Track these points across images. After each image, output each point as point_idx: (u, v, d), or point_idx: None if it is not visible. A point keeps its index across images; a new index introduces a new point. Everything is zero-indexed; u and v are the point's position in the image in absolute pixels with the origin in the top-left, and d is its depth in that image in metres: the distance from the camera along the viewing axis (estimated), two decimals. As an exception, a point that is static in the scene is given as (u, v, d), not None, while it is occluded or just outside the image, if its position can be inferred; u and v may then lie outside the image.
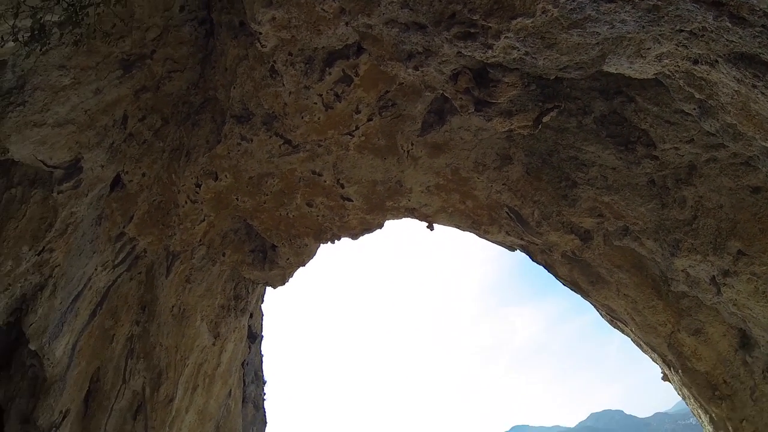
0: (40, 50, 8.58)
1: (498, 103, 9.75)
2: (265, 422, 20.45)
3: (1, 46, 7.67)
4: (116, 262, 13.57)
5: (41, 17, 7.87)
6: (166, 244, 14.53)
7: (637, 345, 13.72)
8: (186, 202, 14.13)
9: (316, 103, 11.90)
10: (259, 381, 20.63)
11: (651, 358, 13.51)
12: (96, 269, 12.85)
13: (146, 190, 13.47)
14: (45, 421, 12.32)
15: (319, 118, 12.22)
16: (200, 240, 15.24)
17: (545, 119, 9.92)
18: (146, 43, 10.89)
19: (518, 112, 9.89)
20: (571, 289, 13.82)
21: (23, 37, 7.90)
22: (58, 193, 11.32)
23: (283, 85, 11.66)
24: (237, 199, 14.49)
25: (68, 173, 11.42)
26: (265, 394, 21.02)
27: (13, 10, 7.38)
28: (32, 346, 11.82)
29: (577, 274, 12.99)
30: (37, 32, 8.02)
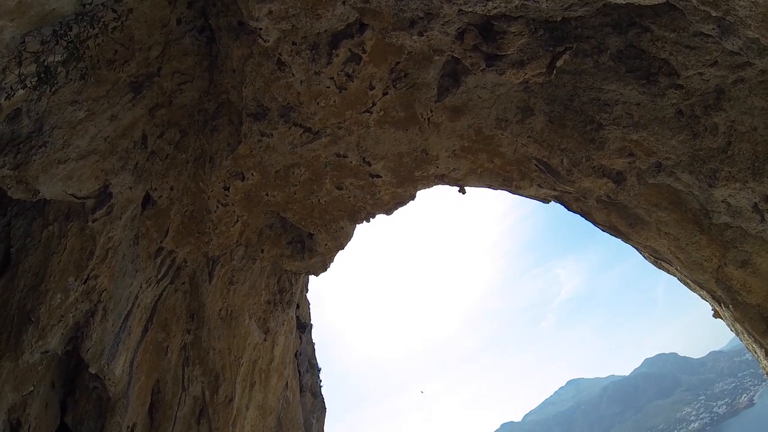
0: (50, 91, 8.71)
1: (508, 54, 9.57)
2: (324, 408, 20.78)
3: (12, 96, 7.77)
4: (159, 277, 13.84)
5: (44, 60, 7.97)
6: (204, 251, 14.74)
7: (684, 284, 13.39)
8: (217, 207, 14.25)
9: (329, 87, 11.84)
10: (314, 369, 20.92)
11: (700, 296, 13.17)
12: (141, 287, 13.14)
13: (177, 203, 13.62)
14: None
15: (334, 101, 12.19)
16: (237, 241, 15.42)
17: (559, 63, 9.70)
18: (151, 61, 10.92)
19: (530, 61, 9.72)
20: (611, 234, 13.55)
21: (31, 82, 8.02)
22: (93, 222, 11.58)
23: (293, 75, 11.62)
24: (267, 194, 14.59)
25: (99, 201, 11.65)
26: (320, 381, 21.36)
27: (15, 59, 7.48)
28: (92, 370, 12.19)
29: (615, 217, 12.71)
30: (43, 75, 8.15)
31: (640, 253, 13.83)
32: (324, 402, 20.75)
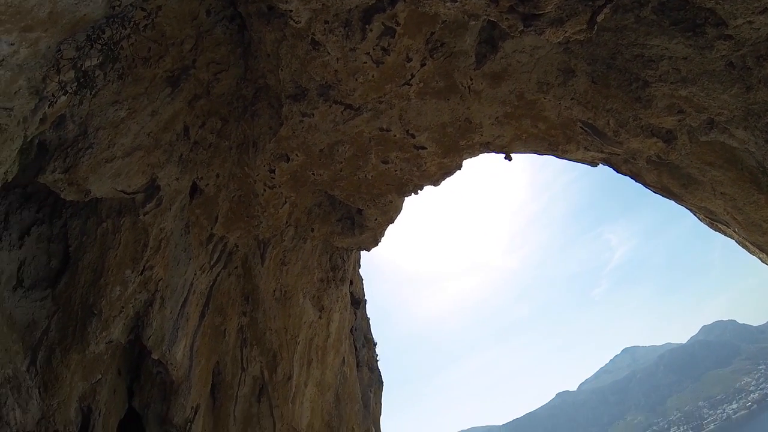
0: (91, 94, 8.92)
1: (546, 13, 9.12)
2: (381, 382, 21.04)
3: (55, 103, 7.96)
4: (212, 263, 14.23)
5: (81, 65, 8.10)
6: (254, 234, 15.03)
7: (743, 247, 12.66)
8: (264, 190, 14.43)
9: (365, 62, 11.66)
10: (370, 344, 21.18)
11: (760, 259, 12.42)
12: (195, 273, 13.55)
13: (224, 190, 13.87)
14: (180, 419, 13.50)
15: (372, 76, 12.00)
16: (287, 222, 15.64)
17: (599, 19, 9.18)
18: (185, 55, 10.97)
19: (569, 18, 9.25)
20: (663, 196, 13.00)
21: (71, 88, 8.19)
22: (144, 215, 11.96)
23: (329, 53, 11.48)
24: (313, 173, 14.66)
25: (148, 195, 11.99)
26: (377, 355, 21.63)
27: (54, 67, 7.61)
28: (155, 356, 12.83)
29: (667, 178, 12.11)
30: (82, 80, 8.32)
31: (695, 215, 13.20)
32: (381, 376, 21.03)
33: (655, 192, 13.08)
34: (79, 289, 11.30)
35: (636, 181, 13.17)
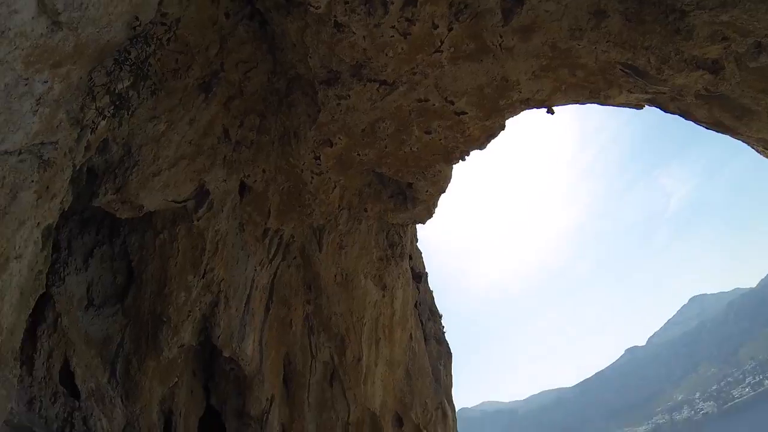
0: (128, 114, 9.17)
1: None
2: (450, 354, 21.02)
3: (96, 130, 8.26)
4: (271, 257, 14.59)
5: (114, 89, 8.30)
6: (308, 222, 15.27)
7: (810, 179, 11.74)
8: (312, 178, 14.58)
9: (392, 36, 11.46)
10: (435, 316, 21.19)
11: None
12: (255, 269, 13.94)
13: (272, 184, 14.10)
14: (256, 411, 14.14)
15: (402, 49, 11.81)
16: (339, 206, 15.79)
17: None
18: (212, 60, 11.10)
19: None
20: (716, 131, 12.24)
21: (109, 111, 8.43)
22: (197, 221, 12.36)
23: (354, 33, 11.35)
24: (358, 154, 14.67)
25: (199, 200, 12.37)
26: (443, 327, 21.66)
27: (89, 95, 7.85)
28: (226, 354, 13.40)
29: (718, 111, 11.40)
30: (117, 102, 8.53)
31: (753, 148, 12.36)
32: (449, 347, 21.05)
33: (707, 128, 12.39)
34: (146, 300, 11.90)
35: (686, 119, 12.52)
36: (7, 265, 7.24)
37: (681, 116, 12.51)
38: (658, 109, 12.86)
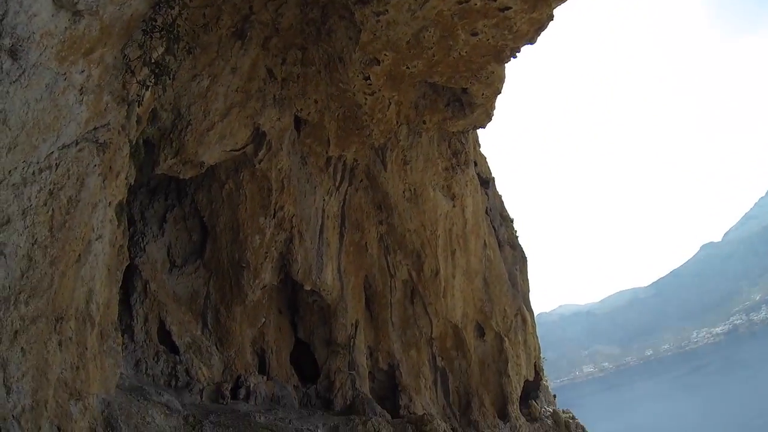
0: (170, 79, 9.19)
1: None
2: (525, 258, 20.78)
3: (142, 102, 8.45)
4: (337, 184, 14.85)
5: (150, 58, 8.32)
6: (369, 143, 15.25)
7: None
8: (366, 99, 14.35)
9: (417, -59, 10.53)
10: (506, 221, 20.83)
11: None
12: (324, 199, 14.28)
13: (326, 112, 14.03)
14: (343, 337, 15.01)
15: (436, -52, 10.84)
16: (397, 122, 15.59)
17: None
18: (239, 6, 10.78)
19: None
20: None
21: (150, 81, 8.53)
22: (259, 163, 12.66)
23: (378, -56, 10.60)
24: (407, 67, 14.20)
25: (257, 144, 12.60)
26: (516, 231, 21.43)
27: (128, 72, 7.93)
28: (307, 287, 14.12)
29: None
30: (157, 71, 8.58)
31: None
32: (524, 252, 20.80)
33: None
34: (223, 251, 12.58)
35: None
36: (90, 247, 7.88)
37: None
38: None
